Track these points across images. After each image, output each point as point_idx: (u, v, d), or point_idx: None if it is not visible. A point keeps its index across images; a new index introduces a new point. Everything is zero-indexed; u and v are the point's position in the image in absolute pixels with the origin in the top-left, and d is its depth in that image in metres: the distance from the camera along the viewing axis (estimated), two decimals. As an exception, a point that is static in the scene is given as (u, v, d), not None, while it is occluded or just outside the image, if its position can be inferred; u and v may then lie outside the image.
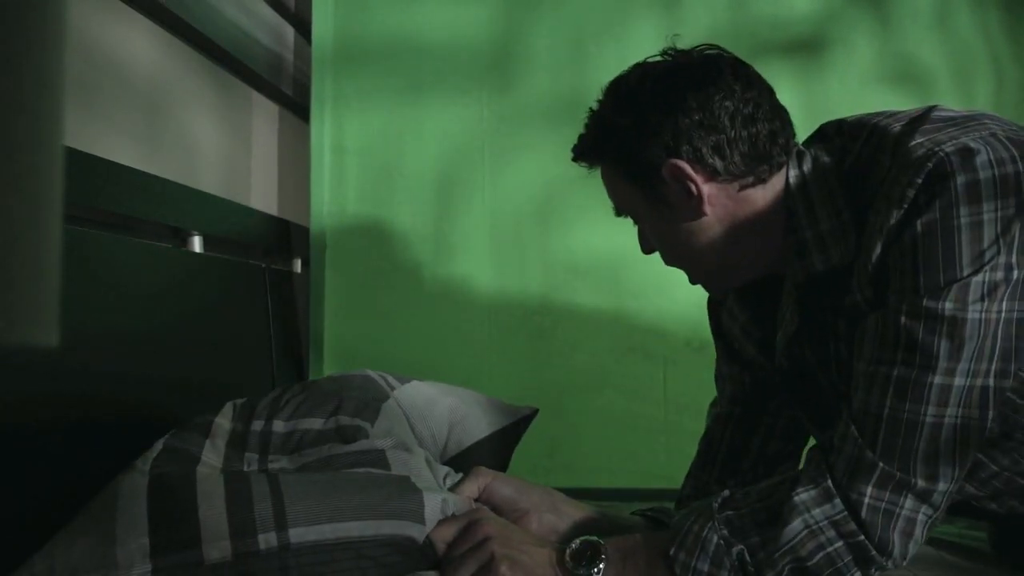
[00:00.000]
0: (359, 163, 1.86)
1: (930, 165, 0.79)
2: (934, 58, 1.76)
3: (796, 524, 0.82)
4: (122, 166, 1.26)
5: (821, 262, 0.90)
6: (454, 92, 1.84)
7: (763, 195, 0.93)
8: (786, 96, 1.93)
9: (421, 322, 1.84)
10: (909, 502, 0.81)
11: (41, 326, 0.37)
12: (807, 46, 1.78)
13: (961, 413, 0.81)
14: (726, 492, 0.89)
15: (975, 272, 0.78)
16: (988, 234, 0.78)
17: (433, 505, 0.92)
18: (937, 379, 0.80)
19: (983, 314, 0.79)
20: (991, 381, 0.81)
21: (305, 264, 1.95)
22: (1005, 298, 0.79)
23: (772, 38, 1.79)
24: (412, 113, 1.85)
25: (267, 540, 0.84)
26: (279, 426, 1.07)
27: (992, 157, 0.78)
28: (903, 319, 0.81)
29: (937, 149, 0.80)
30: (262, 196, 1.90)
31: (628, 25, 1.83)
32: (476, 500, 1.00)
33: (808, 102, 1.77)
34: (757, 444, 1.13)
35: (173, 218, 1.43)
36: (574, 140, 1.05)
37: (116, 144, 1.35)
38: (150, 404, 1.18)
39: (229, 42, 1.67)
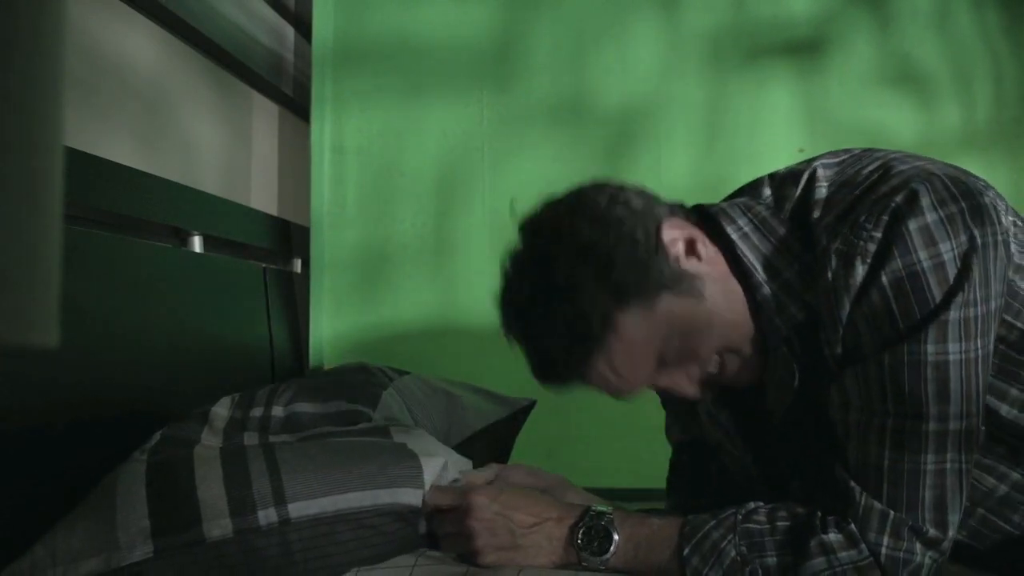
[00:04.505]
0: (359, 163, 1.86)
1: (879, 211, 0.80)
2: (934, 59, 1.76)
3: (819, 562, 0.82)
4: (122, 166, 1.26)
5: (799, 311, 0.88)
6: (454, 92, 1.84)
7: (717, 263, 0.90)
8: (786, 97, 1.94)
9: (421, 322, 1.84)
10: (920, 548, 0.82)
11: (41, 326, 0.37)
12: (807, 47, 1.78)
13: (962, 458, 0.82)
14: (751, 505, 0.88)
15: (949, 310, 0.79)
16: (951, 272, 0.79)
17: (432, 468, 0.93)
18: (932, 426, 0.81)
19: (963, 355, 0.80)
20: (976, 420, 0.82)
21: (305, 264, 1.95)
22: (978, 335, 0.80)
23: (772, 39, 1.79)
24: (412, 113, 1.85)
25: (267, 516, 0.84)
26: (278, 411, 1.08)
27: (935, 199, 0.80)
28: (886, 368, 0.81)
29: (886, 200, 0.81)
30: (262, 196, 1.90)
31: (628, 25, 1.83)
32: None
33: (808, 103, 1.78)
34: (716, 469, 1.12)
35: (173, 218, 1.43)
36: (574, 140, 1.04)
37: (116, 144, 1.35)
38: (150, 404, 1.18)
39: (229, 42, 1.67)
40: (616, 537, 0.88)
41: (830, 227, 0.84)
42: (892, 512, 0.82)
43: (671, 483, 1.18)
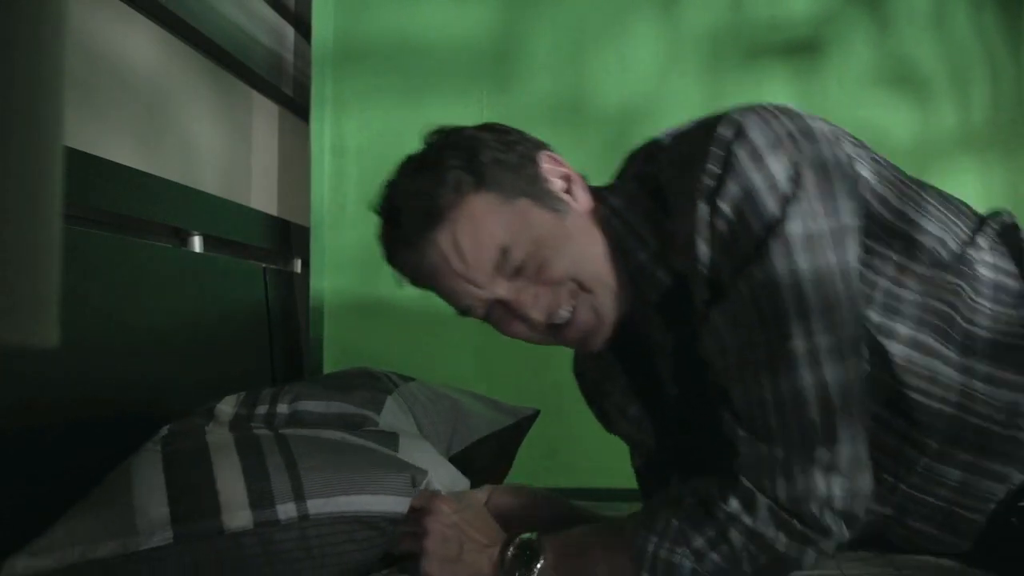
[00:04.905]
0: (359, 163, 1.86)
1: (712, 147, 0.82)
2: (931, 60, 1.76)
3: (736, 535, 0.81)
4: (122, 166, 1.26)
5: (666, 275, 0.89)
6: (454, 92, 1.84)
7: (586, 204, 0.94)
8: (784, 97, 1.94)
9: (421, 323, 1.84)
10: (820, 476, 0.79)
11: (41, 326, 0.37)
12: (805, 47, 1.79)
13: (838, 370, 0.79)
14: (672, 507, 0.86)
15: (790, 222, 0.79)
16: (785, 187, 0.79)
17: (436, 483, 0.95)
18: (800, 343, 0.79)
19: (815, 267, 0.79)
20: (849, 331, 0.80)
21: (305, 264, 1.95)
22: (829, 247, 0.80)
23: (770, 39, 1.79)
24: (412, 113, 1.85)
25: (286, 511, 0.85)
26: (283, 408, 1.08)
27: (761, 123, 0.82)
28: (745, 295, 0.80)
29: (716, 137, 0.82)
30: (262, 196, 1.90)
31: (628, 25, 1.83)
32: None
33: (806, 103, 1.76)
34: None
35: (173, 218, 1.43)
36: (574, 140, 1.05)
37: (116, 144, 1.35)
38: (150, 404, 1.18)
39: (229, 42, 1.67)
40: (542, 559, 0.87)
41: (675, 182, 0.87)
42: (782, 453, 0.79)
43: (641, 494, 1.17)
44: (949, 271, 0.87)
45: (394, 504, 0.89)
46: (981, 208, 0.94)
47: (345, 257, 1.85)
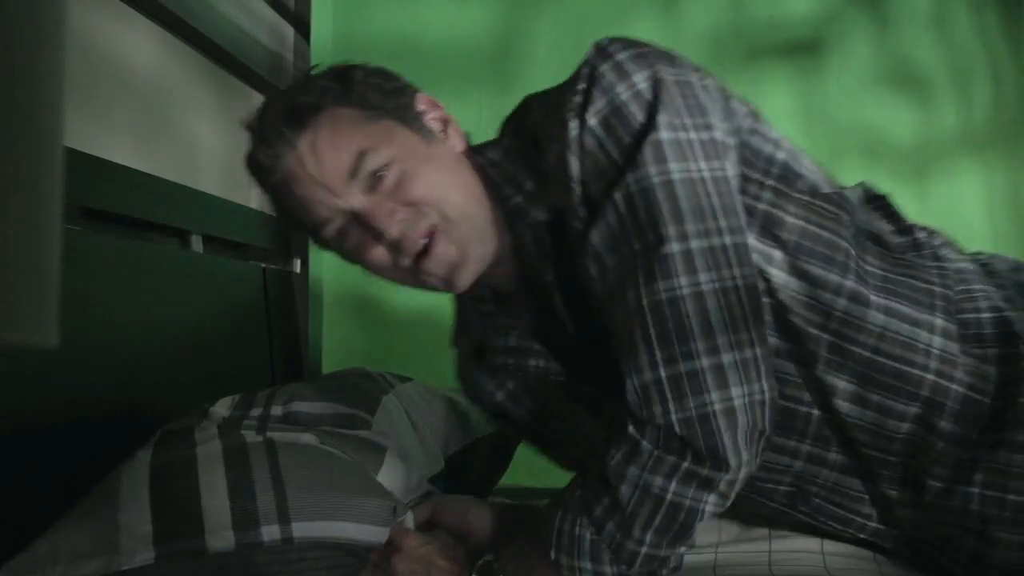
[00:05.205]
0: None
1: (579, 71, 0.84)
2: (932, 59, 1.76)
3: (625, 490, 0.78)
4: (122, 166, 1.26)
5: (542, 212, 0.89)
6: (453, 92, 1.83)
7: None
8: (784, 98, 1.94)
9: (420, 323, 1.84)
10: (709, 395, 0.75)
11: (41, 326, 0.37)
12: (805, 47, 1.79)
13: (717, 276, 0.77)
14: (581, 480, 0.85)
15: (658, 130, 0.78)
16: (650, 96, 0.80)
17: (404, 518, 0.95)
18: (675, 247, 0.77)
19: (688, 173, 0.78)
20: (728, 239, 0.78)
21: (305, 264, 1.95)
22: (701, 157, 0.79)
23: (770, 39, 1.79)
24: (411, 113, 1.85)
25: (270, 532, 0.84)
26: (277, 410, 1.08)
27: (623, 44, 0.83)
28: (620, 206, 0.79)
29: (581, 66, 0.84)
30: (262, 196, 1.90)
31: (628, 26, 1.83)
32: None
33: (806, 103, 1.78)
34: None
35: (173, 218, 1.43)
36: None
37: (116, 144, 1.35)
38: (150, 404, 1.18)
39: (229, 42, 1.67)
40: (498, 568, 0.88)
41: (548, 119, 0.87)
42: (663, 373, 0.76)
43: None
44: (830, 201, 0.85)
45: (374, 533, 0.88)
46: (981, 208, 0.94)
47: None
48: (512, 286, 0.98)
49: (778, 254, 0.83)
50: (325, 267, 1.86)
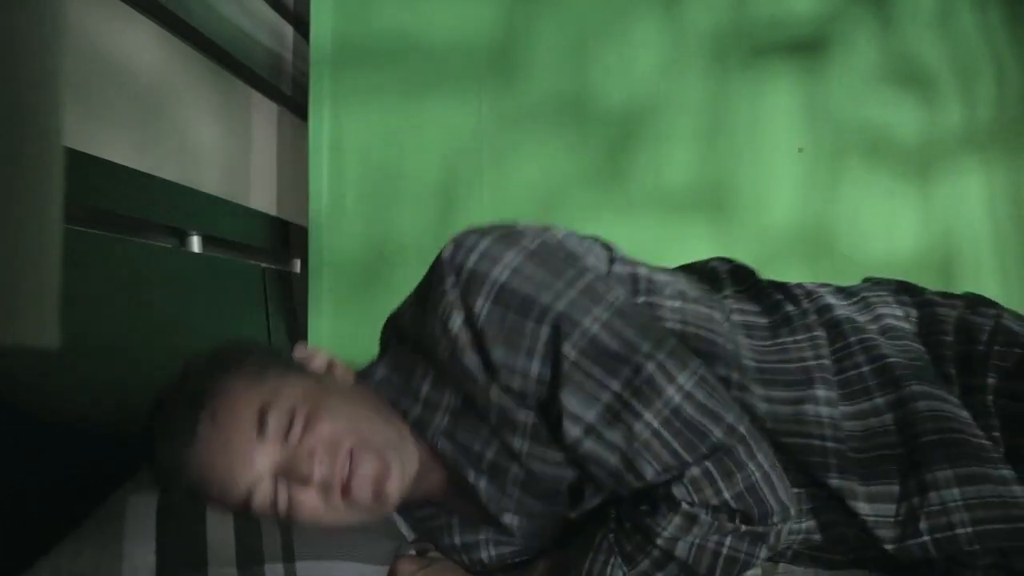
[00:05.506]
0: (358, 163, 1.85)
1: (441, 269, 0.86)
2: (936, 58, 1.75)
3: (681, 548, 0.82)
4: (121, 166, 1.26)
5: (451, 397, 0.90)
6: (454, 92, 1.84)
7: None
8: (787, 96, 1.93)
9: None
10: (747, 467, 0.81)
11: (41, 326, 0.37)
12: (808, 46, 1.78)
13: (691, 373, 0.83)
14: (614, 526, 0.87)
15: (572, 287, 0.84)
16: (528, 274, 0.85)
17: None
18: (650, 365, 0.82)
19: (610, 311, 0.84)
20: (672, 341, 0.85)
21: (304, 264, 1.95)
22: (607, 292, 0.86)
23: (772, 38, 1.79)
24: (412, 113, 1.84)
25: (274, 571, 0.84)
26: None
27: (475, 232, 0.87)
28: (578, 362, 0.82)
29: (433, 264, 0.88)
30: (261, 196, 1.90)
31: (628, 25, 1.83)
32: None
33: (809, 103, 1.77)
34: None
35: (172, 218, 1.43)
36: (575, 140, 1.05)
37: (115, 144, 1.34)
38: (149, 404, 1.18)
39: (228, 42, 1.66)
40: None
41: (419, 317, 0.90)
42: (708, 464, 0.81)
43: None
44: (700, 303, 0.92)
45: (377, 573, 0.89)
46: (983, 207, 0.93)
47: (344, 257, 1.84)
48: (446, 487, 0.96)
49: None
50: (325, 267, 1.85)
